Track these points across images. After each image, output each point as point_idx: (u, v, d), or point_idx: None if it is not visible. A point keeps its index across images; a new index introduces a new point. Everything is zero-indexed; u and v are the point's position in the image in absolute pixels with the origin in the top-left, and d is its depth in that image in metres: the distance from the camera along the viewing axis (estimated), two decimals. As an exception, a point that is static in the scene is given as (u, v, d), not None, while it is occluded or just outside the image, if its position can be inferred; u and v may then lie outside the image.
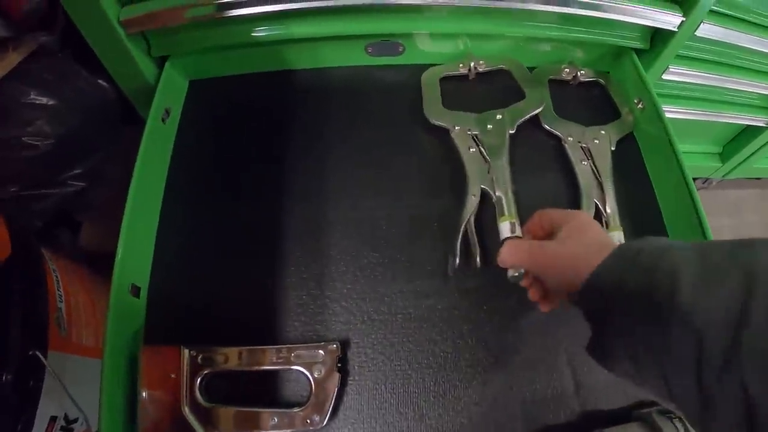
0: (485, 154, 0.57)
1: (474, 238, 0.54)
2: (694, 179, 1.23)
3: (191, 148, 0.61)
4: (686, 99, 0.81)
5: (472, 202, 0.55)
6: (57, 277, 0.59)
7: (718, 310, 0.27)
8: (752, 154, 1.01)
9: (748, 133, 0.98)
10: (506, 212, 0.53)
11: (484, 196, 0.56)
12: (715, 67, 0.74)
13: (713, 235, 0.56)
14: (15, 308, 0.51)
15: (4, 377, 0.50)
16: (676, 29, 0.62)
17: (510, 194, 0.54)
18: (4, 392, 0.50)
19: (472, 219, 0.55)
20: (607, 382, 0.51)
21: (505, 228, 0.52)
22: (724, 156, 1.05)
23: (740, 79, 0.77)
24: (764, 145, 0.98)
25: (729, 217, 1.35)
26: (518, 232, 0.52)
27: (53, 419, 0.56)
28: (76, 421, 0.59)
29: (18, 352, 0.51)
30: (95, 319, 0.63)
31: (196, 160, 0.60)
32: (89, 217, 0.75)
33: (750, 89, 0.80)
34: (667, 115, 0.61)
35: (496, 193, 0.55)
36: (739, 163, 1.04)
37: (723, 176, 1.13)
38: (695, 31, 0.64)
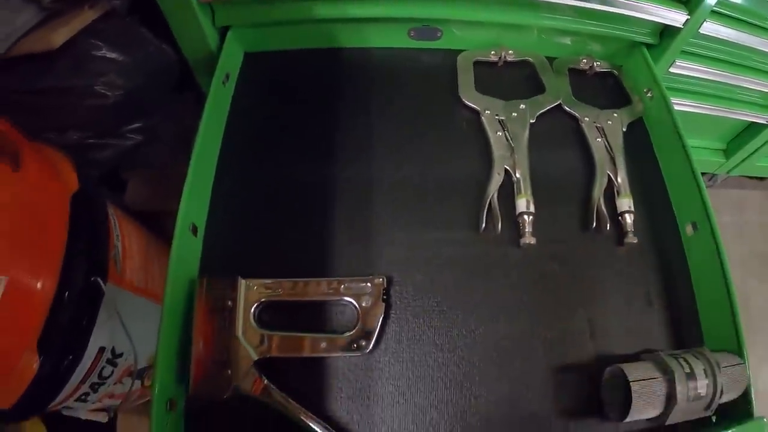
0: (510, 138, 0.66)
1: (497, 210, 0.62)
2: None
3: (245, 109, 0.68)
4: (691, 93, 0.91)
5: (497, 179, 0.63)
6: (114, 220, 0.65)
7: None
8: (755, 151, 1.10)
9: (752, 130, 1.07)
10: (523, 191, 0.62)
11: (507, 174, 0.64)
12: (717, 63, 0.85)
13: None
14: (81, 238, 0.57)
15: (67, 298, 0.55)
16: (681, 26, 0.72)
17: (527, 176, 0.63)
18: (66, 313, 0.55)
19: (495, 194, 0.63)
20: (620, 330, 0.59)
21: (521, 204, 0.62)
22: (728, 152, 1.14)
23: (742, 77, 0.87)
24: (767, 142, 1.07)
25: (731, 215, 1.45)
26: (531, 207, 0.61)
27: (101, 350, 0.61)
28: (121, 355, 0.64)
29: (81, 277, 0.56)
30: (146, 263, 0.69)
31: (249, 120, 0.67)
32: (136, 175, 0.82)
33: (753, 87, 0.90)
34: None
35: (516, 174, 0.64)
36: (743, 160, 1.13)
37: (727, 172, 1.21)
38: (699, 28, 0.74)
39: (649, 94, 0.72)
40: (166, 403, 0.48)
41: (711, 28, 0.75)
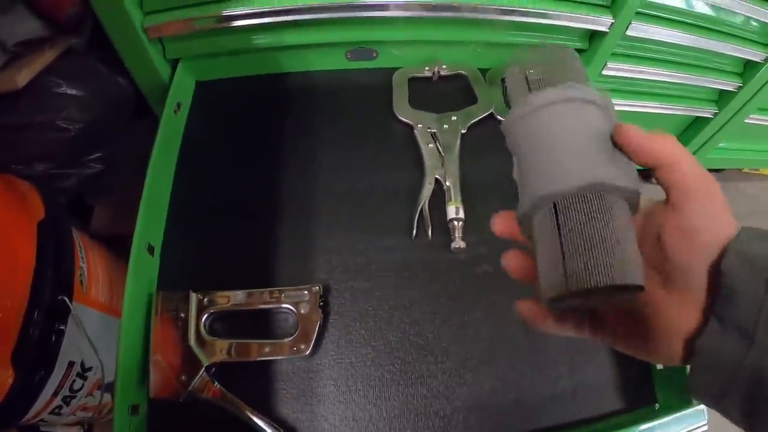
0: (441, 149, 0.73)
1: (428, 218, 0.69)
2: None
3: (197, 136, 0.75)
4: (627, 93, 0.98)
5: (428, 189, 0.70)
6: (79, 243, 0.72)
7: None
8: (703, 144, 1.17)
9: (697, 124, 1.13)
10: (453, 199, 0.69)
11: (438, 183, 0.71)
12: (649, 62, 0.91)
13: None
14: (48, 261, 0.64)
15: (36, 316, 0.63)
16: (607, 29, 0.79)
17: (457, 184, 0.70)
18: (36, 330, 0.63)
19: (427, 203, 0.70)
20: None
21: (451, 210, 0.69)
22: None
23: (675, 73, 0.94)
24: (713, 135, 1.14)
25: None
26: (461, 214, 0.68)
27: (71, 364, 0.69)
28: (90, 369, 0.72)
29: (48, 297, 0.64)
30: (109, 284, 0.77)
31: (201, 145, 0.75)
32: (101, 201, 0.90)
33: (687, 82, 0.97)
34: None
35: (447, 183, 0.71)
36: (693, 153, 1.17)
37: None
38: (626, 30, 0.81)
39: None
40: (129, 408, 0.55)
41: (638, 28, 0.82)
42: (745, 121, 1.12)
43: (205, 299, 0.63)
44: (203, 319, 0.62)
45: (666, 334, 0.31)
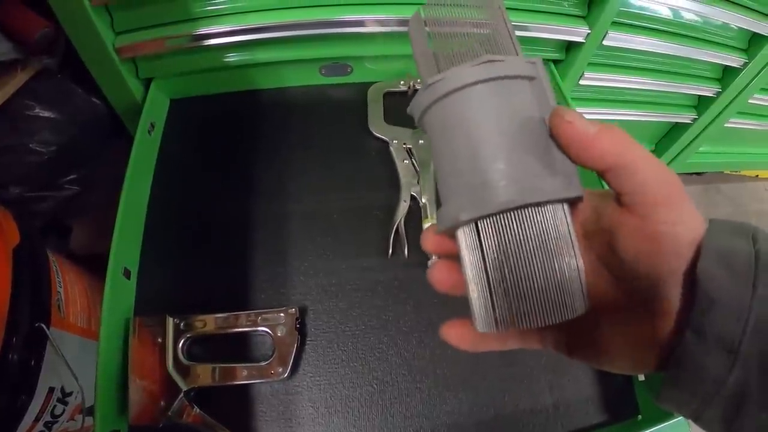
0: (416, 165, 0.74)
1: (404, 236, 0.69)
2: None
3: (172, 155, 0.75)
4: (605, 101, 0.98)
5: (403, 206, 0.70)
6: (56, 267, 0.72)
7: None
8: (683, 149, 1.18)
9: (677, 129, 1.14)
10: (429, 216, 0.70)
11: (414, 200, 0.71)
12: (626, 71, 0.92)
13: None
14: (24, 287, 0.64)
15: (14, 344, 0.63)
16: (584, 40, 0.80)
17: (434, 201, 0.70)
18: (13, 358, 0.63)
19: (402, 220, 0.70)
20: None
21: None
22: (657, 152, 1.22)
23: (653, 81, 0.94)
24: (693, 140, 1.15)
25: None
26: None
27: (51, 390, 0.69)
28: (70, 394, 0.72)
29: (26, 324, 0.64)
30: (88, 306, 0.77)
31: (176, 165, 0.74)
32: (79, 221, 0.89)
33: (665, 89, 0.97)
34: (593, 116, 0.78)
35: (423, 200, 0.71)
36: (673, 158, 1.21)
37: None
38: (603, 40, 0.81)
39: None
40: (109, 435, 0.56)
41: (615, 38, 0.82)
42: (725, 125, 1.13)
43: (182, 323, 0.63)
44: (180, 344, 0.62)
45: (627, 346, 0.28)
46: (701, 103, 1.07)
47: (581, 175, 0.27)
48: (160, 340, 0.62)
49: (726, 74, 1.01)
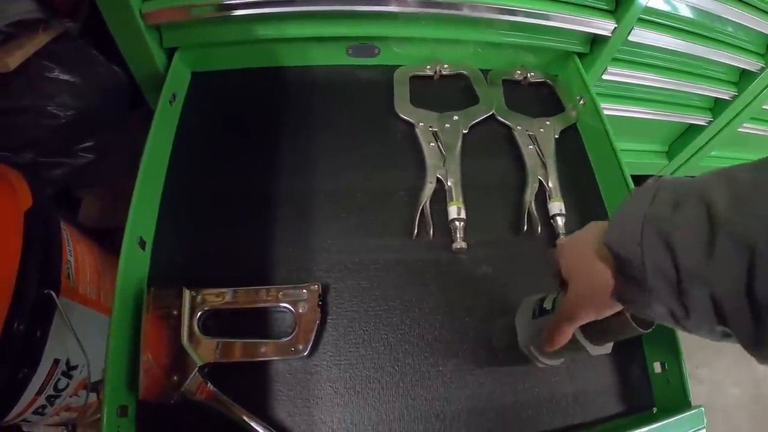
0: (442, 149, 0.73)
1: (429, 217, 0.68)
2: (644, 177, 1.42)
3: (192, 128, 0.74)
4: (625, 98, 0.98)
5: (429, 188, 0.70)
6: (67, 236, 0.70)
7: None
8: (696, 152, 1.18)
9: (692, 131, 1.15)
10: (455, 199, 0.69)
11: (439, 182, 0.71)
12: (648, 69, 0.92)
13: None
14: (34, 252, 0.62)
15: (20, 310, 0.60)
16: (610, 34, 0.80)
17: (459, 184, 0.70)
18: (19, 325, 0.60)
19: (428, 202, 0.69)
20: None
21: (453, 210, 0.68)
22: (670, 154, 1.22)
23: (674, 80, 0.95)
24: (707, 143, 1.15)
25: None
26: (462, 214, 0.67)
27: (56, 362, 0.66)
28: (76, 368, 0.69)
29: (35, 290, 0.61)
30: (98, 278, 0.75)
31: (196, 136, 0.73)
32: (89, 193, 0.87)
33: (685, 90, 0.98)
34: (610, 112, 0.78)
35: (448, 183, 0.70)
36: (686, 161, 1.21)
37: (672, 173, 1.29)
38: (628, 36, 0.81)
39: (581, 101, 0.79)
40: (117, 409, 0.53)
41: (640, 34, 0.82)
42: (738, 130, 1.13)
43: (199, 296, 0.61)
44: (197, 317, 0.60)
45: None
46: (717, 106, 1.08)
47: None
48: (175, 312, 0.60)
49: (743, 78, 1.01)
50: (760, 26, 0.90)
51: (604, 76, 0.88)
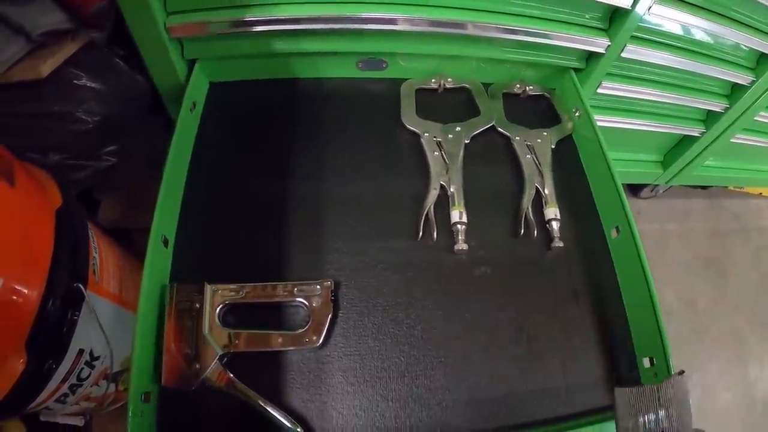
0: (445, 157, 0.80)
1: (433, 221, 0.76)
2: (640, 186, 1.49)
3: (210, 136, 0.81)
4: (620, 110, 1.06)
5: (433, 194, 0.77)
6: (92, 234, 0.77)
7: None
8: (691, 161, 1.26)
9: (686, 142, 1.22)
10: (457, 204, 0.76)
11: (443, 188, 0.78)
12: (641, 83, 1.00)
13: (662, 239, 0.77)
14: (65, 248, 0.68)
15: (52, 301, 0.67)
16: (604, 51, 0.88)
17: (461, 190, 0.77)
18: (51, 316, 0.67)
19: (432, 207, 0.77)
20: (547, 323, 0.72)
21: (455, 215, 0.76)
22: (665, 163, 1.30)
23: (666, 94, 1.02)
24: (700, 153, 1.23)
25: (677, 223, 1.62)
26: (464, 218, 0.75)
27: (81, 352, 0.73)
28: (98, 358, 0.76)
29: (65, 283, 0.68)
30: (120, 274, 0.81)
31: (214, 142, 0.80)
32: (109, 195, 0.94)
33: (677, 102, 1.05)
34: (606, 124, 0.86)
35: (451, 189, 0.78)
36: (680, 170, 1.29)
37: (666, 183, 1.37)
38: (621, 52, 0.89)
39: (577, 113, 0.87)
40: (141, 395, 0.59)
41: (633, 51, 0.90)
42: (731, 140, 1.21)
43: (220, 291, 0.67)
44: (217, 310, 0.66)
45: None
46: (709, 118, 1.16)
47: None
48: (197, 305, 0.66)
49: (734, 91, 1.09)
50: (750, 42, 0.97)
51: (599, 90, 0.96)
